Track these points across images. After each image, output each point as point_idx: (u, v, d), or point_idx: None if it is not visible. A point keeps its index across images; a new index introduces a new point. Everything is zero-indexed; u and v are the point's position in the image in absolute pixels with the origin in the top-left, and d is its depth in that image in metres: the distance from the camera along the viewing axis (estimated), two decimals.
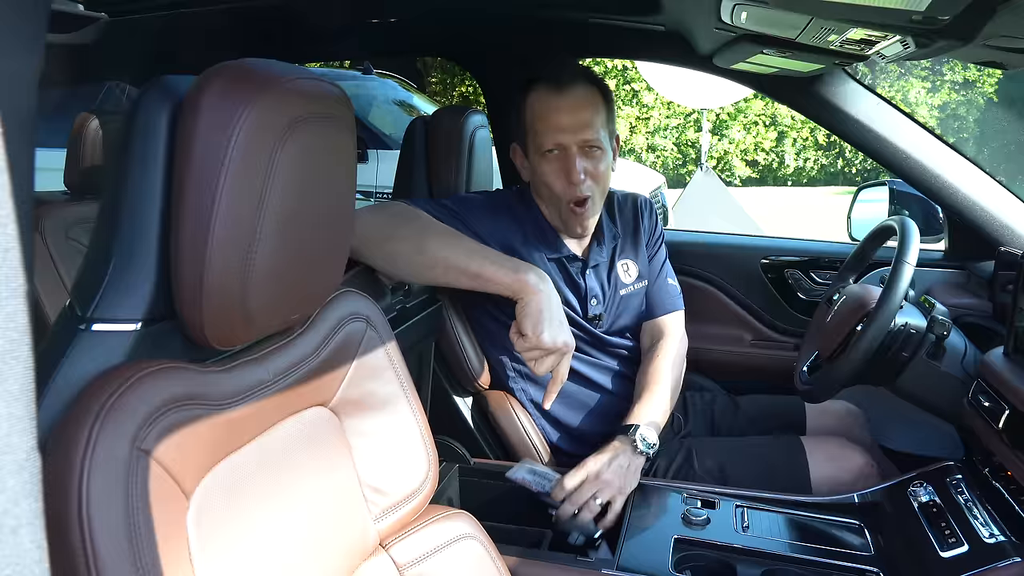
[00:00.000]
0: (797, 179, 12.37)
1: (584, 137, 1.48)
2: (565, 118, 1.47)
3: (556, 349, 1.28)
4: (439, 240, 1.33)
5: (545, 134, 1.49)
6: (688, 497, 1.40)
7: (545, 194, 1.53)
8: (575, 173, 1.47)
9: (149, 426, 0.65)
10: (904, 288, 1.38)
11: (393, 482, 1.04)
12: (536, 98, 1.51)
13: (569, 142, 1.48)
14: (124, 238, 0.71)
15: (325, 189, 0.78)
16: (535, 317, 1.27)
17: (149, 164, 0.70)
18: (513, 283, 1.29)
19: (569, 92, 1.48)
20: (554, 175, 1.49)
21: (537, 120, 1.50)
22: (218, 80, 0.68)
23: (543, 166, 1.50)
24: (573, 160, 1.47)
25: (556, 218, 1.56)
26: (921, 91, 11.16)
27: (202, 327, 0.71)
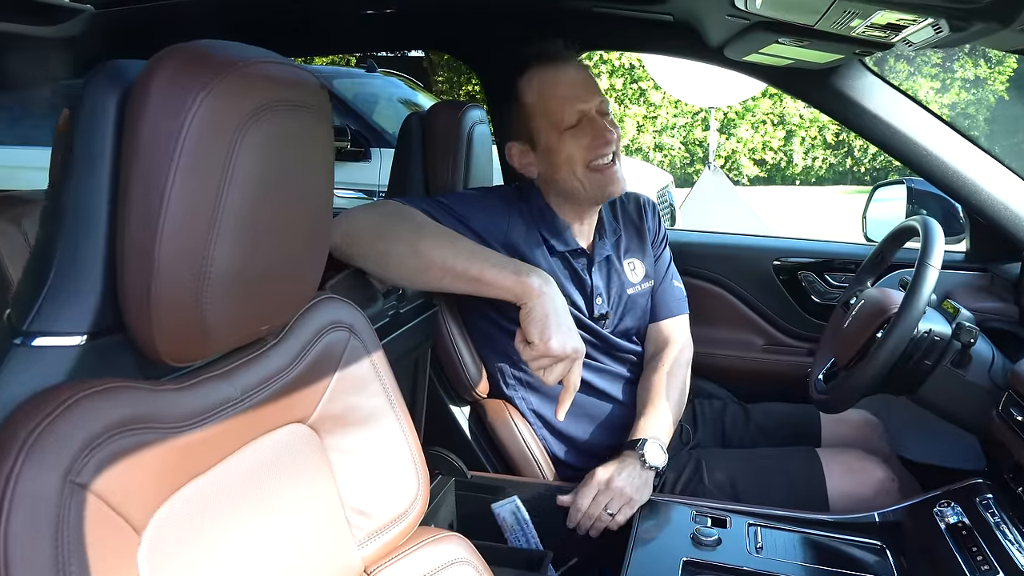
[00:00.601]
0: (805, 178, 12.26)
1: (599, 99, 1.45)
2: (578, 86, 1.44)
3: (566, 356, 1.20)
4: (435, 241, 1.24)
5: (563, 108, 1.42)
6: (698, 515, 1.32)
7: (569, 172, 1.43)
8: (608, 132, 1.42)
9: (87, 455, 0.57)
10: (928, 293, 1.29)
11: (379, 504, 0.97)
12: (539, 79, 1.45)
13: (589, 106, 1.43)
14: (67, 241, 0.63)
15: (296, 186, 0.70)
16: (541, 322, 1.19)
17: (95, 158, 0.62)
18: (515, 286, 1.21)
19: (565, 65, 1.46)
20: (580, 145, 1.42)
21: (549, 101, 1.43)
22: (170, 63, 0.61)
23: (568, 141, 1.42)
24: (601, 122, 1.43)
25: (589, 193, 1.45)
26: (930, 91, 11.04)
27: (153, 342, 0.63)
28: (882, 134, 1.58)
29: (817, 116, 11.37)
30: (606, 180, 1.44)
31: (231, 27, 1.93)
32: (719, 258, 2.06)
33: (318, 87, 0.71)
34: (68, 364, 0.63)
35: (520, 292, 1.21)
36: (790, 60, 1.45)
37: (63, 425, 0.56)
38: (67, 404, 0.57)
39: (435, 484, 1.40)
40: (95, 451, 0.58)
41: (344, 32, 1.99)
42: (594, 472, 1.36)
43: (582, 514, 1.34)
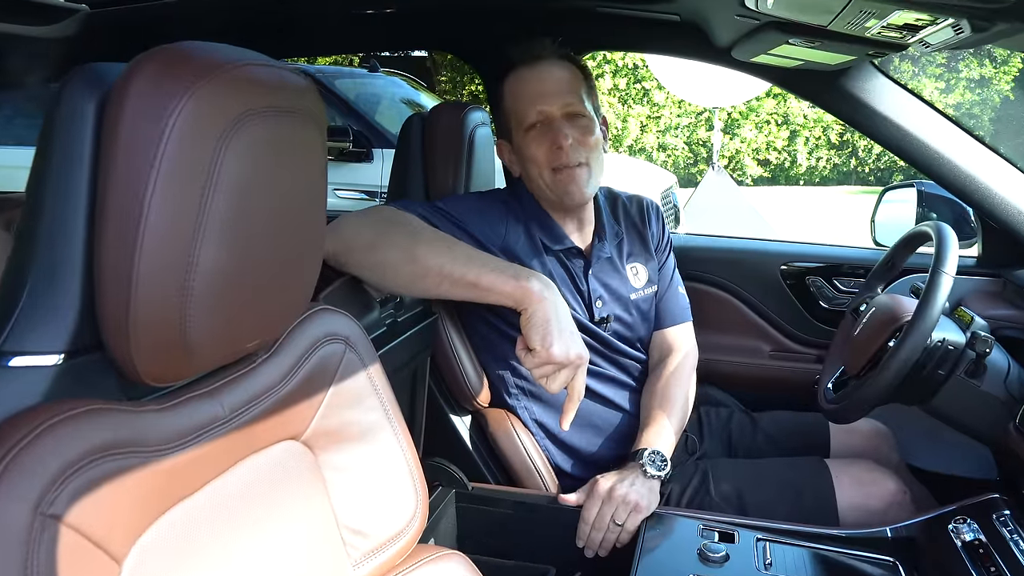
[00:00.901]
0: (809, 178, 12.21)
1: (567, 101, 1.40)
2: (545, 86, 1.41)
3: (569, 362, 1.15)
4: (432, 247, 1.21)
5: (526, 107, 1.41)
6: (705, 529, 1.28)
7: (536, 172, 1.43)
8: (561, 137, 1.38)
9: (60, 485, 0.54)
10: (942, 301, 1.26)
11: (375, 522, 0.93)
12: (512, 79, 1.44)
13: (552, 109, 1.40)
14: (43, 254, 0.59)
15: (286, 194, 0.66)
16: (543, 328, 1.15)
17: (72, 166, 0.59)
18: (515, 291, 1.17)
19: (546, 65, 1.42)
20: (540, 147, 1.40)
21: (516, 98, 1.43)
22: (151, 65, 0.57)
23: (528, 143, 1.41)
24: (559, 126, 1.39)
25: (552, 195, 1.44)
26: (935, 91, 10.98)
27: (132, 362, 0.59)
28: (892, 137, 1.54)
29: (821, 116, 11.33)
30: (565, 181, 1.41)
31: (228, 26, 1.90)
32: (726, 263, 2.02)
33: (309, 90, 0.67)
34: (44, 385, 0.59)
35: (520, 297, 1.17)
36: (799, 61, 1.42)
37: (34, 453, 0.52)
38: (39, 430, 0.54)
39: (435, 496, 1.36)
40: (70, 479, 0.54)
41: (345, 32, 1.95)
42: (596, 482, 1.32)
43: (590, 526, 1.31)
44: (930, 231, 1.41)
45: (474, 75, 9.96)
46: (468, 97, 10.50)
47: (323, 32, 1.97)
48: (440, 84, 10.31)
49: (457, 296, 1.22)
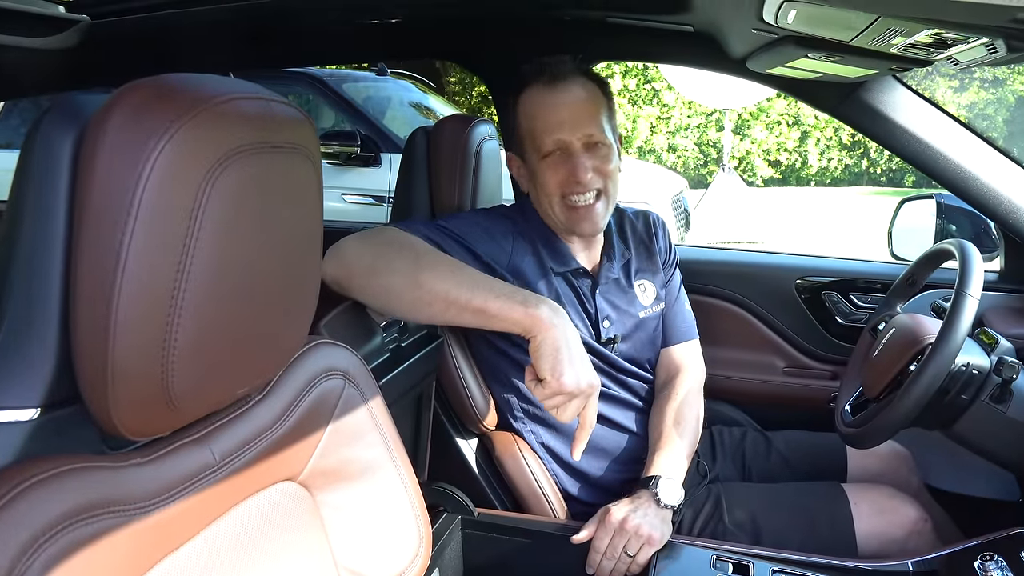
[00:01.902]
0: (820, 179, 12.13)
1: (587, 131, 1.34)
2: (564, 113, 1.34)
3: (580, 392, 1.11)
4: (436, 272, 1.16)
5: (544, 134, 1.35)
6: (718, 560, 1.24)
7: (547, 201, 1.38)
8: (581, 171, 1.33)
9: (32, 555, 0.50)
10: (967, 325, 1.21)
11: (376, 562, 0.90)
12: (529, 98, 1.37)
13: (571, 139, 1.34)
14: (17, 301, 0.56)
15: (277, 235, 0.62)
16: (552, 357, 1.10)
17: (48, 207, 0.55)
18: (523, 319, 1.13)
19: (565, 86, 1.35)
20: (557, 177, 1.35)
21: (533, 120, 1.37)
22: (130, 100, 0.53)
23: (544, 170, 1.36)
24: (578, 158, 1.33)
25: (562, 225, 1.40)
26: (948, 91, 10.87)
27: (111, 417, 0.55)
28: (912, 149, 1.49)
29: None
30: (579, 218, 1.37)
31: (230, 37, 1.87)
32: (739, 276, 1.97)
33: (302, 123, 0.63)
34: (19, 441, 0.55)
35: (529, 325, 1.12)
36: (817, 74, 1.37)
37: (2, 524, 0.49)
38: (10, 496, 0.50)
39: (440, 523, 1.32)
40: (43, 548, 0.51)
41: (351, 41, 1.92)
42: (608, 511, 1.28)
43: (601, 555, 1.26)
44: (953, 249, 1.36)
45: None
46: (477, 99, 10.46)
47: (329, 42, 1.94)
48: (449, 86, 10.27)
49: (464, 323, 1.17)
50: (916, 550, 1.30)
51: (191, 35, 1.84)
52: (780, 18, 0.97)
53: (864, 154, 11.94)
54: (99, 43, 1.77)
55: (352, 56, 2.73)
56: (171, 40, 1.86)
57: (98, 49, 1.81)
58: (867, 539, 1.36)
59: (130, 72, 1.90)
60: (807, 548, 1.31)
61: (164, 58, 1.98)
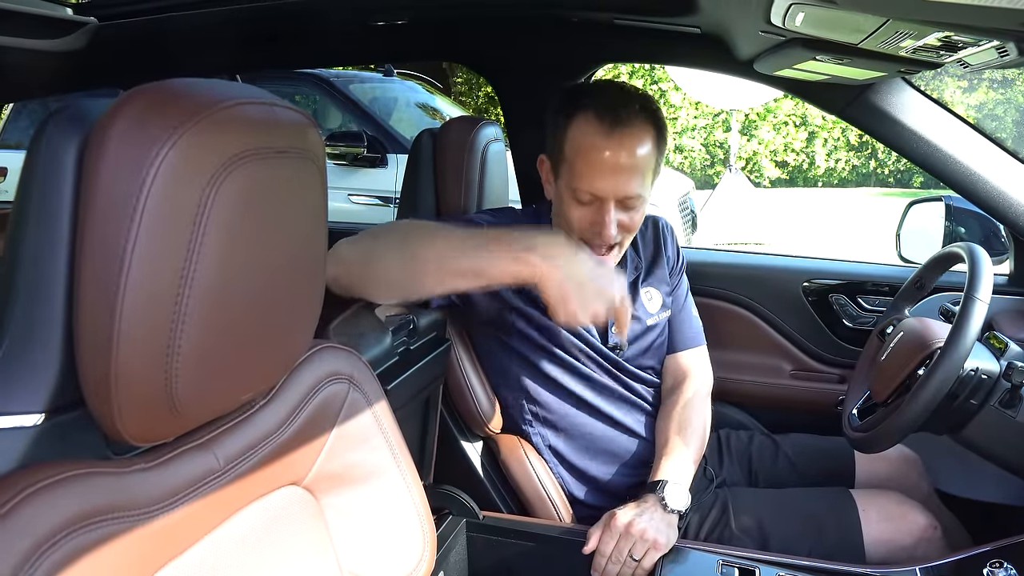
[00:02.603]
0: (828, 180, 12.08)
1: (626, 193, 1.29)
2: (609, 168, 1.27)
3: (603, 312, 1.09)
4: (424, 240, 1.14)
5: (583, 179, 1.29)
6: (724, 564, 1.23)
7: (566, 229, 1.36)
8: (607, 229, 1.29)
9: (37, 560, 0.50)
10: (976, 330, 1.20)
11: (381, 566, 0.89)
12: (582, 129, 1.29)
13: (608, 194, 1.28)
14: (21, 307, 0.56)
15: (282, 239, 0.62)
16: (558, 296, 1.08)
17: (52, 212, 0.55)
18: (518, 269, 1.09)
19: (621, 130, 1.27)
20: (583, 222, 1.32)
21: (578, 157, 1.29)
22: (133, 106, 0.53)
23: (572, 206, 1.32)
24: (608, 213, 1.29)
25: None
26: (957, 91, 10.82)
27: (115, 424, 0.55)
28: (921, 152, 1.48)
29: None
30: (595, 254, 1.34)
31: (236, 38, 1.87)
32: (746, 279, 1.96)
33: (306, 128, 0.63)
34: (22, 447, 0.55)
35: (525, 273, 1.09)
36: (825, 76, 1.36)
37: (6, 531, 0.49)
38: (13, 503, 0.50)
39: (445, 526, 1.32)
40: (47, 554, 0.51)
41: (358, 42, 1.92)
42: (613, 514, 1.27)
43: (606, 559, 1.26)
44: (962, 252, 1.36)
45: None
46: (484, 99, 10.46)
47: (336, 43, 1.94)
48: (456, 87, 10.27)
49: (464, 288, 1.15)
50: (925, 557, 1.30)
51: (198, 36, 1.84)
52: (788, 20, 0.96)
53: (872, 155, 11.88)
54: (107, 45, 1.77)
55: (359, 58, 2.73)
56: (178, 41, 1.86)
57: (106, 51, 1.82)
58: (875, 545, 1.35)
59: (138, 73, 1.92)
60: (814, 554, 1.30)
61: (171, 59, 1.99)
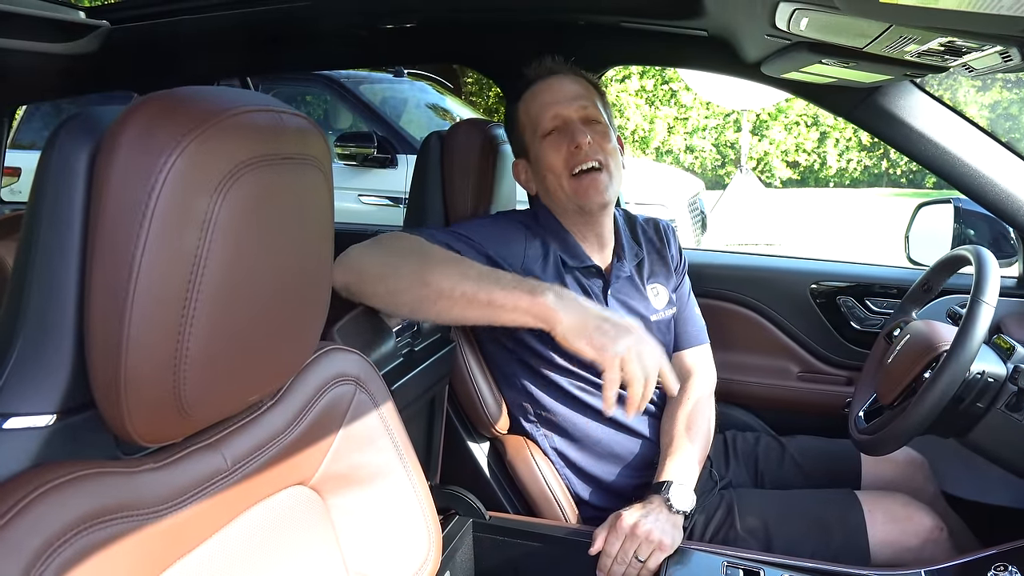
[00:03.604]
0: (840, 180, 12.03)
1: (582, 105, 1.41)
2: (560, 93, 1.42)
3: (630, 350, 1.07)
4: (443, 269, 1.16)
5: (541, 114, 1.41)
6: (729, 565, 1.24)
7: (554, 182, 1.39)
8: (580, 136, 1.36)
9: (48, 558, 0.51)
10: (982, 333, 1.20)
11: (387, 566, 0.90)
12: (528, 94, 1.45)
13: (568, 112, 1.40)
14: (33, 310, 0.57)
15: (288, 244, 0.63)
16: (585, 337, 1.08)
17: (63, 219, 0.56)
18: (531, 307, 1.11)
19: (559, 78, 1.44)
20: (560, 155, 1.38)
21: (531, 106, 1.43)
22: (141, 115, 0.54)
23: (547, 150, 1.40)
24: (576, 126, 1.38)
25: (570, 207, 1.40)
26: (971, 90, 10.75)
27: (125, 425, 0.56)
28: (929, 154, 1.48)
29: None
30: (585, 185, 1.37)
31: (247, 42, 1.88)
32: (754, 281, 1.97)
33: (313, 134, 0.64)
34: (36, 446, 0.57)
35: (538, 313, 1.11)
36: (832, 79, 1.36)
37: (20, 527, 0.50)
38: (26, 501, 0.51)
39: (452, 526, 1.33)
40: (58, 552, 0.52)
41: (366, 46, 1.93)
42: (619, 516, 1.28)
43: (612, 560, 1.27)
44: (969, 255, 1.35)
45: None
46: (495, 99, 10.47)
47: (344, 47, 1.95)
48: (466, 87, 10.29)
49: (474, 319, 1.16)
50: (931, 559, 1.30)
51: (209, 40, 1.86)
52: (793, 25, 0.97)
53: (884, 155, 11.82)
54: (119, 48, 1.79)
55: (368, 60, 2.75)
56: (190, 44, 1.88)
57: (118, 54, 1.84)
58: (881, 547, 1.35)
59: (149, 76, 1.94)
60: (819, 556, 1.30)
61: (182, 62, 2.01)
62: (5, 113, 2.22)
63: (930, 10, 0.65)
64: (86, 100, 3.00)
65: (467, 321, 1.18)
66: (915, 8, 0.66)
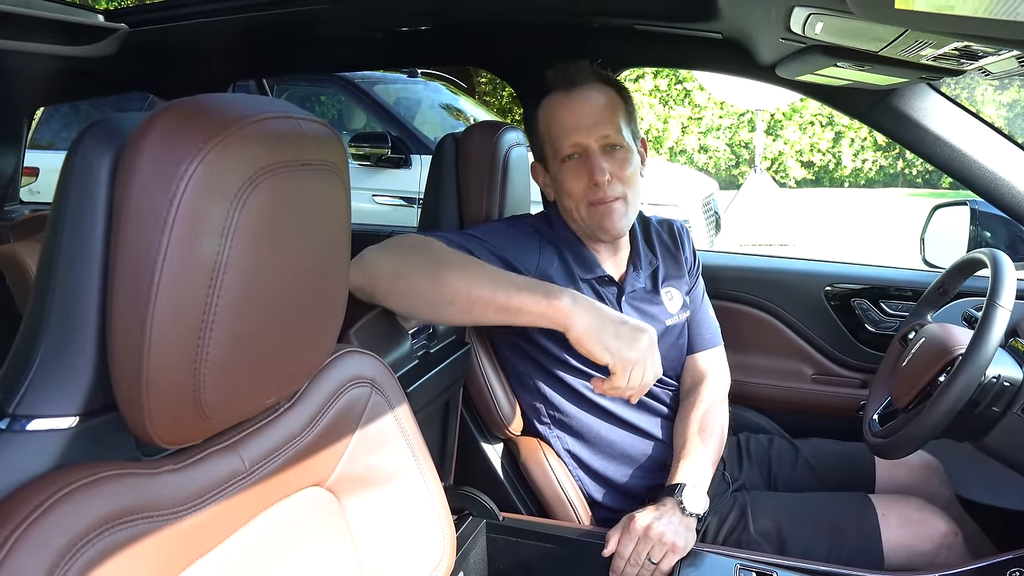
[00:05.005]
0: (854, 180, 11.96)
1: (603, 133, 1.35)
2: (581, 116, 1.35)
3: (643, 355, 1.13)
4: (458, 270, 1.17)
5: (561, 137, 1.36)
6: (742, 569, 1.24)
7: (571, 205, 1.39)
8: (598, 172, 1.33)
9: (72, 558, 0.52)
10: (998, 337, 1.19)
11: (401, 567, 0.91)
12: (548, 104, 1.39)
13: (588, 141, 1.35)
14: (57, 314, 0.58)
15: (306, 249, 0.64)
16: (598, 339, 1.11)
17: (86, 225, 0.57)
18: (547, 311, 1.13)
19: (582, 91, 1.37)
20: (579, 183, 1.36)
21: (551, 124, 1.38)
22: (163, 122, 0.55)
23: (565, 175, 1.37)
24: (596, 160, 1.34)
25: (587, 229, 1.40)
26: (988, 89, 10.65)
27: (146, 428, 0.57)
28: (945, 157, 1.48)
29: None
30: (601, 214, 1.37)
31: (263, 44, 1.90)
32: (768, 283, 1.96)
33: (330, 140, 0.65)
34: (59, 448, 0.58)
35: (553, 316, 1.13)
36: (847, 81, 1.36)
37: (45, 526, 0.51)
38: (50, 502, 0.52)
39: (465, 527, 1.34)
40: (81, 551, 0.53)
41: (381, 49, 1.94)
42: (632, 517, 1.28)
43: (625, 561, 1.27)
44: (985, 258, 1.35)
45: None
46: (508, 99, 10.47)
47: (360, 49, 1.96)
48: (480, 87, 10.30)
49: (490, 320, 1.17)
50: (945, 564, 1.29)
51: (225, 42, 1.87)
52: (808, 29, 0.97)
53: (899, 155, 11.73)
54: (137, 50, 1.81)
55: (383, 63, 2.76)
56: (205, 46, 1.90)
57: (136, 56, 1.86)
58: (895, 552, 1.34)
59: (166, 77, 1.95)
60: (833, 560, 1.30)
61: (199, 64, 2.03)
62: (25, 115, 2.24)
63: (946, 16, 0.65)
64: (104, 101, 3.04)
65: (483, 323, 1.19)
66: (931, 14, 0.66)
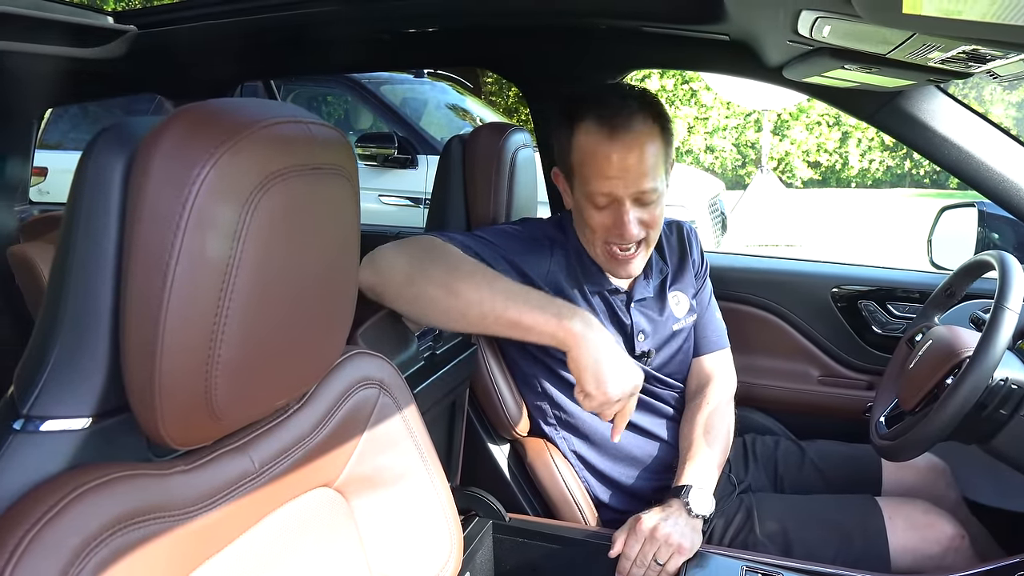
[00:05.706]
0: (861, 181, 11.91)
1: (640, 188, 1.29)
2: (617, 166, 1.28)
3: (624, 396, 1.17)
4: (472, 282, 1.17)
5: (595, 183, 1.30)
6: (748, 571, 1.24)
7: (589, 238, 1.38)
8: (628, 228, 1.30)
9: (85, 558, 0.53)
10: (1006, 339, 1.19)
11: (408, 567, 0.92)
12: (585, 137, 1.30)
13: (622, 193, 1.29)
14: (70, 317, 0.59)
15: (316, 252, 0.65)
16: (593, 370, 1.13)
17: (99, 228, 0.58)
18: (557, 331, 1.14)
19: (623, 134, 1.27)
20: (603, 224, 1.33)
21: (586, 162, 1.31)
22: (175, 127, 0.55)
23: (591, 212, 1.34)
24: (626, 212, 1.30)
25: (600, 264, 1.41)
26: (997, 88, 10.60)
27: (157, 429, 0.58)
28: (954, 158, 1.47)
29: None
30: (618, 264, 1.37)
31: (270, 45, 1.90)
32: (774, 284, 1.96)
33: (340, 144, 0.65)
34: (72, 448, 0.58)
35: (562, 338, 1.14)
36: (854, 83, 1.36)
37: (58, 527, 0.51)
38: (63, 503, 0.53)
39: (472, 527, 1.34)
40: (94, 551, 0.53)
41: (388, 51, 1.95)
42: (639, 518, 1.28)
43: (631, 563, 1.27)
44: (993, 261, 1.34)
45: None
46: (514, 99, 10.48)
47: (367, 51, 1.97)
48: (486, 87, 10.30)
49: (498, 333, 1.19)
50: (952, 567, 1.29)
51: (234, 43, 1.88)
52: (815, 32, 0.97)
53: (907, 155, 11.68)
54: (145, 52, 1.82)
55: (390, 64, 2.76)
56: (213, 48, 1.90)
57: (144, 57, 1.87)
58: (901, 554, 1.34)
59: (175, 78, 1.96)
60: (839, 562, 1.30)
61: (207, 65, 2.03)
62: (35, 116, 2.26)
63: (954, 20, 0.65)
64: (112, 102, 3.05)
65: (492, 334, 1.21)
66: (938, 18, 0.66)
